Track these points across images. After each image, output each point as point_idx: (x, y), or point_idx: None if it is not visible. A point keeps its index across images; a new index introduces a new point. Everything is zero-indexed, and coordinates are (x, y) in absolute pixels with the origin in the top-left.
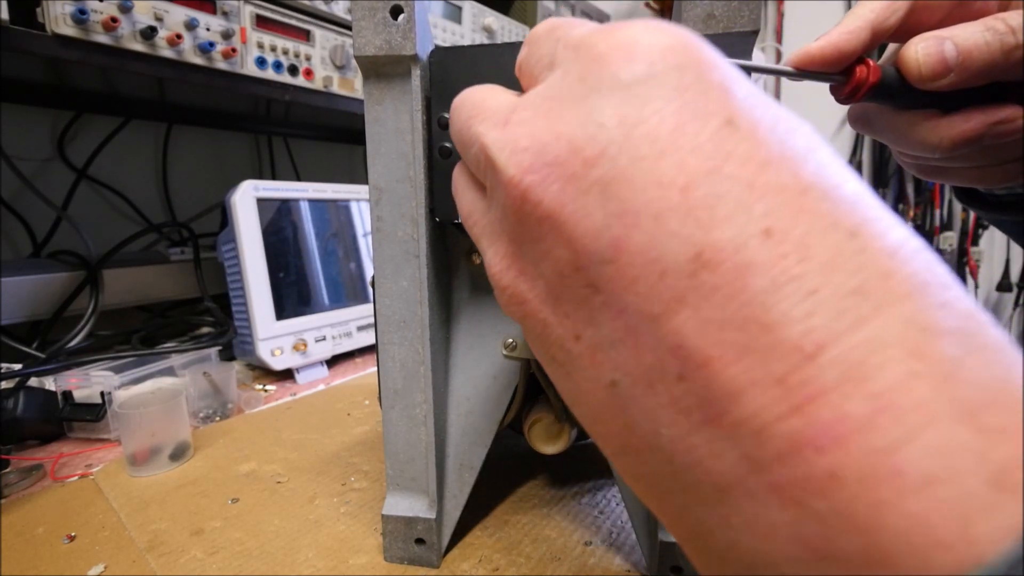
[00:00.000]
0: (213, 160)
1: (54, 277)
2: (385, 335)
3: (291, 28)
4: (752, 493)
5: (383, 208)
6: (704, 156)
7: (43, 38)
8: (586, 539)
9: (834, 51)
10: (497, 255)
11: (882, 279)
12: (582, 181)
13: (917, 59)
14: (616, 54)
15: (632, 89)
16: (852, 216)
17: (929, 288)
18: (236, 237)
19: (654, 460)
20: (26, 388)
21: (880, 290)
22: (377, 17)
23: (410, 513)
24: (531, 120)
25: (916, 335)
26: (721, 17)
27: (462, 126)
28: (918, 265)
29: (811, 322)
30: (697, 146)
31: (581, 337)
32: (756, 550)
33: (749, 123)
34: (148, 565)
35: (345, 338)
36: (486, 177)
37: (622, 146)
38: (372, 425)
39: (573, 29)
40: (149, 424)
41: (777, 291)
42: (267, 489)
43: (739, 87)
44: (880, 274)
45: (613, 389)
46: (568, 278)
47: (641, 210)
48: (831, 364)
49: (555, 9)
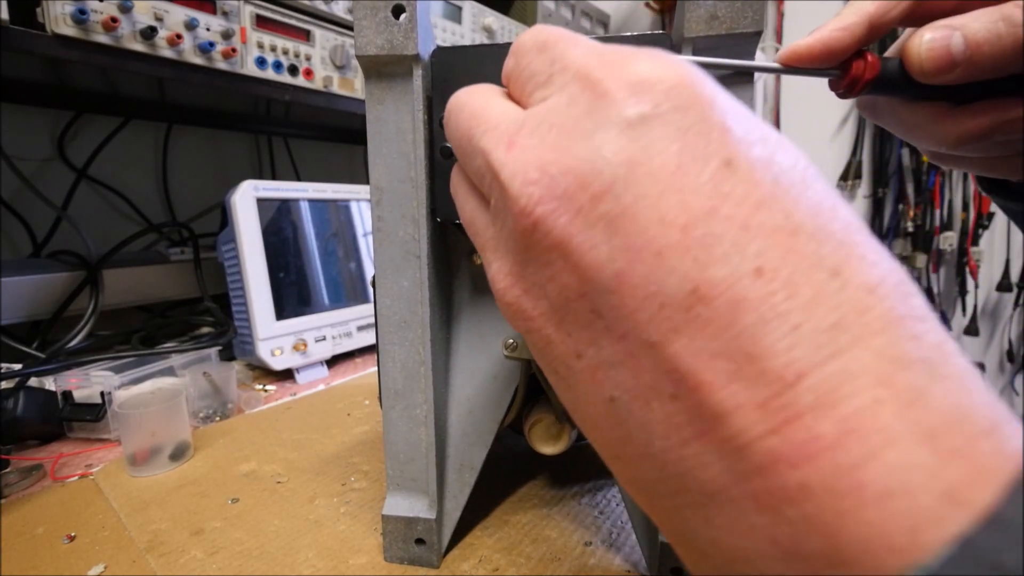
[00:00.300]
0: (213, 160)
1: (54, 277)
2: (386, 335)
3: (291, 28)
4: (734, 499)
5: (384, 208)
6: (703, 196)
7: (43, 38)
8: (586, 539)
9: (823, 48)
10: (502, 271)
11: (859, 315)
12: (589, 215)
13: (920, 53)
14: (623, 92)
15: (637, 128)
16: (837, 255)
17: (903, 322)
18: (236, 237)
19: (647, 467)
20: (26, 388)
21: (856, 325)
22: (379, 16)
23: (410, 513)
24: (538, 148)
25: (885, 366)
26: (724, 18)
27: (463, 135)
28: (894, 300)
29: (793, 354)
30: (697, 187)
31: (583, 356)
32: (735, 547)
33: (746, 163)
34: (148, 565)
35: (345, 338)
36: (491, 192)
37: (627, 184)
38: (372, 425)
39: (570, 49)
40: (149, 424)
41: (765, 326)
42: (267, 489)
43: (738, 125)
44: (857, 310)
45: (612, 404)
46: (573, 302)
47: (644, 246)
48: (808, 391)
49: (555, 9)
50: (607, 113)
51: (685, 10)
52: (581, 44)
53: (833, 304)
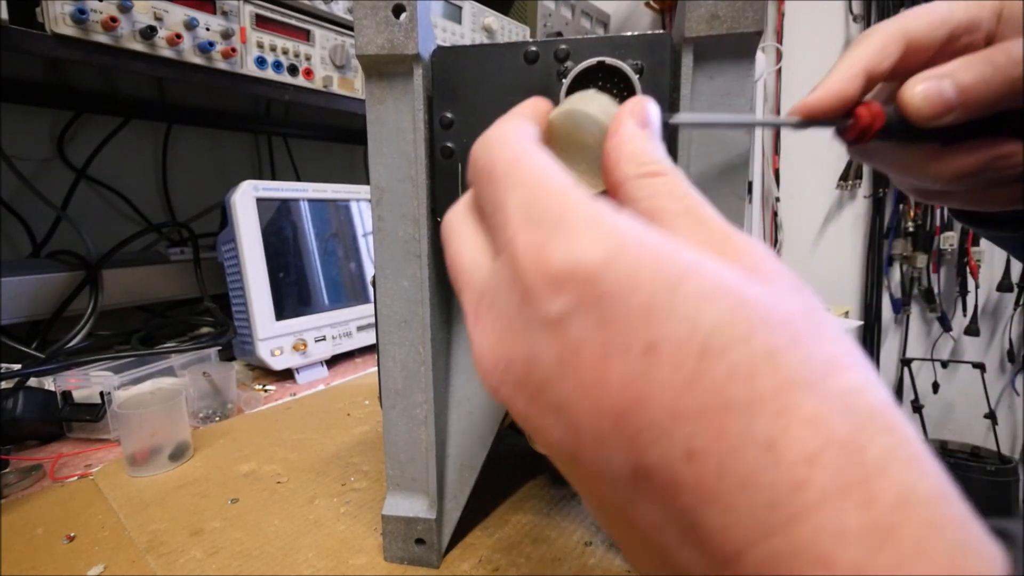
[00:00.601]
0: (213, 160)
1: (54, 277)
2: (386, 335)
3: (291, 28)
4: None
5: (384, 208)
6: (630, 387)
7: (43, 38)
8: (586, 539)
9: (836, 100)
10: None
11: (794, 491)
12: (539, 401)
13: (916, 101)
14: (543, 289)
15: (560, 326)
16: (773, 427)
17: (849, 490)
18: (236, 237)
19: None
20: (26, 388)
21: (791, 502)
22: (379, 16)
23: (410, 513)
24: (491, 334)
25: (824, 543)
26: (725, 17)
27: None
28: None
29: (729, 534)
30: (623, 377)
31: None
32: None
33: (671, 344)
34: (148, 565)
35: (345, 338)
36: None
37: (562, 378)
38: (372, 425)
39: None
40: (149, 424)
41: (701, 506)
42: (267, 489)
43: (660, 306)
44: (791, 486)
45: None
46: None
47: (586, 432)
48: (750, 566)
49: (555, 9)
50: (534, 310)
51: (685, 10)
52: (516, 195)
53: (766, 482)
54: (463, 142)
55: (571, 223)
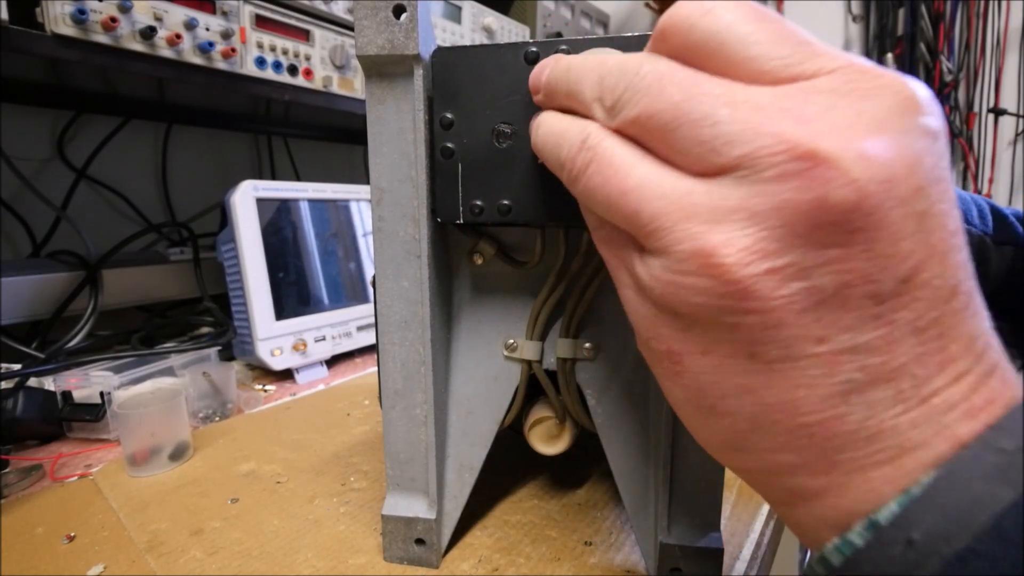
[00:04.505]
0: (213, 160)
1: (54, 277)
2: (386, 335)
3: (291, 28)
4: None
5: (384, 208)
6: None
7: (42, 38)
8: (586, 539)
9: None
10: (736, 246)
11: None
12: (908, 206)
13: None
14: (927, 104)
15: (939, 142)
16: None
17: None
18: (236, 237)
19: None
20: (26, 388)
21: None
22: (380, 16)
23: (410, 513)
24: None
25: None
26: None
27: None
28: None
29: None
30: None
31: (826, 340)
32: None
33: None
34: (148, 565)
35: (345, 338)
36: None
37: (933, 188)
38: (372, 425)
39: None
40: (149, 424)
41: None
42: (267, 489)
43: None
44: None
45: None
46: (852, 287)
47: (936, 245)
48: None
49: (555, 9)
50: (914, 118)
51: None
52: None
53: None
54: (463, 142)
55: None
